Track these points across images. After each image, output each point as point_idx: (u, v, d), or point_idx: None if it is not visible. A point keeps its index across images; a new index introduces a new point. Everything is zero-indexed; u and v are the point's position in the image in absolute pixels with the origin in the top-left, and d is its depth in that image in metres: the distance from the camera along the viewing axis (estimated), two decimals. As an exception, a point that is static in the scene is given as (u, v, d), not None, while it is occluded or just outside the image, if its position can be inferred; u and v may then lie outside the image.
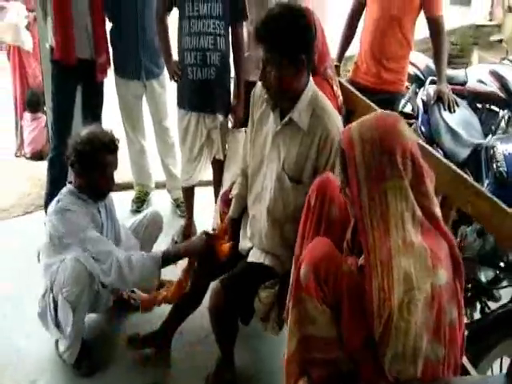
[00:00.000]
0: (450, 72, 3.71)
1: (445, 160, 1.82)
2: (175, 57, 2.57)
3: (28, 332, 2.15)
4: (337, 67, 2.75)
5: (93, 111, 2.81)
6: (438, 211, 1.22)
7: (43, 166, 2.94)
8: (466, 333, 1.94)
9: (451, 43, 6.67)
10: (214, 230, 2.23)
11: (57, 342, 2.03)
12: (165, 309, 2.07)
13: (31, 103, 3.82)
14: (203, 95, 2.48)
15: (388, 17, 2.61)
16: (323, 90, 2.04)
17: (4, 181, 3.41)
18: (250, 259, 1.86)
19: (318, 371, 1.27)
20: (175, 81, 2.58)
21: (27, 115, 3.84)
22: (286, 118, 1.67)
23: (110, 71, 2.87)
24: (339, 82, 2.40)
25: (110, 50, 2.82)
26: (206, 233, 2.00)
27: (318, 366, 1.28)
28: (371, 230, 1.17)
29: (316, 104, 1.68)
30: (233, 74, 2.59)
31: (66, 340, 1.96)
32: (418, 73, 3.63)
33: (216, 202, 2.55)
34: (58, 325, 1.94)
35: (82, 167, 1.90)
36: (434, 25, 2.61)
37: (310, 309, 1.26)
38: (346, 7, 2.90)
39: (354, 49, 2.94)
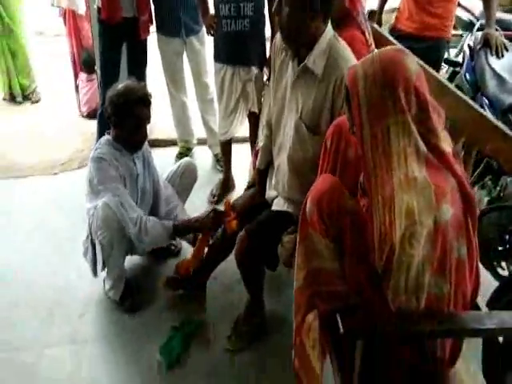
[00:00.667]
0: (507, 17, 3.45)
1: (460, 93, 1.74)
2: (212, 11, 2.59)
3: (80, 270, 2.33)
4: (373, 13, 2.65)
5: (137, 69, 2.91)
6: (446, 148, 1.19)
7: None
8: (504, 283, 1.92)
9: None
10: (248, 182, 2.30)
11: (104, 280, 2.21)
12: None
13: (86, 63, 3.95)
14: (237, 47, 2.50)
15: None
16: (355, 39, 2.00)
17: (65, 138, 3.69)
18: (273, 207, 1.91)
19: (324, 305, 1.32)
20: (211, 34, 2.61)
21: (83, 76, 4.01)
22: (302, 65, 1.66)
23: (153, 31, 2.96)
24: (374, 28, 2.33)
25: (152, 9, 2.90)
26: (214, 210, 2.08)
27: (324, 299, 1.32)
28: (374, 168, 1.17)
29: (334, 50, 1.64)
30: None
31: (109, 279, 2.14)
32: (472, 18, 3.41)
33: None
34: (95, 265, 2.11)
35: (117, 119, 1.99)
36: None
37: (316, 242, 1.30)
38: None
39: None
